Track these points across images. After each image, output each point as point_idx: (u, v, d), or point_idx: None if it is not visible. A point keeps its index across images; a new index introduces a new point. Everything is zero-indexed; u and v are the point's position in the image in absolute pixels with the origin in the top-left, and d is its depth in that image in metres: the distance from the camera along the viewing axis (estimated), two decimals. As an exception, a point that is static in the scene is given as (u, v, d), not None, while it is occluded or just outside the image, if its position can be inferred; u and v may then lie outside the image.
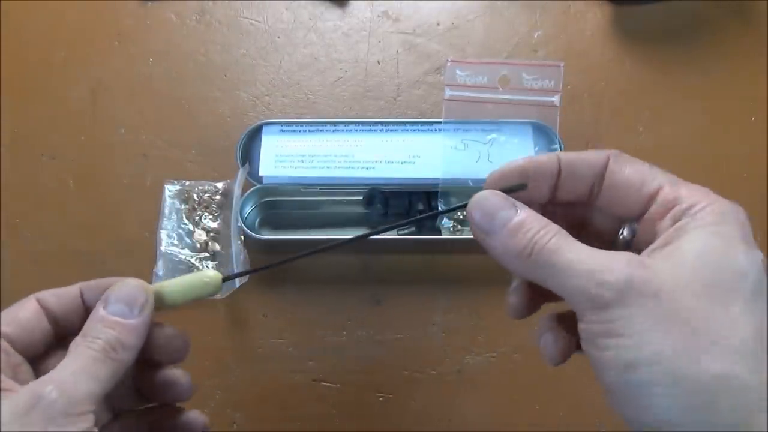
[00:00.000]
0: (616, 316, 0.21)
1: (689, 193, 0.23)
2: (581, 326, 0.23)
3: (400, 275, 0.48)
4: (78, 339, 0.25)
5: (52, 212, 0.50)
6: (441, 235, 0.47)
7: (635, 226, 0.25)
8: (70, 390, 0.23)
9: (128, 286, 0.27)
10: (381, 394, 0.45)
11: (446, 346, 0.46)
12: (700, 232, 0.22)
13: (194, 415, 0.32)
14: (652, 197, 0.24)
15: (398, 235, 0.47)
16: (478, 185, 0.42)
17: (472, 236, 0.25)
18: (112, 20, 0.57)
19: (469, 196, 0.26)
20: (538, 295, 0.28)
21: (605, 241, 0.27)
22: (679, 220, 0.23)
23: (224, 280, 0.29)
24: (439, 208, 0.47)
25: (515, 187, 0.26)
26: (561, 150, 0.47)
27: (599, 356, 0.22)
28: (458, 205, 0.28)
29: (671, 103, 0.54)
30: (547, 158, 0.26)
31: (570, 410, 0.44)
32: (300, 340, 0.46)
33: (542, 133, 0.48)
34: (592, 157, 0.26)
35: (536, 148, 0.48)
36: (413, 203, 0.48)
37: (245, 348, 0.46)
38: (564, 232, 0.24)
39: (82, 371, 0.24)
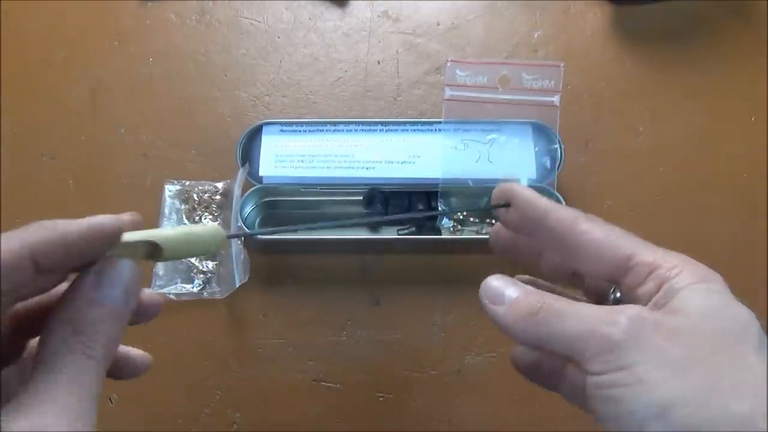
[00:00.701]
0: (628, 361, 0.21)
1: (665, 257, 0.23)
2: (590, 381, 0.22)
3: (400, 275, 0.48)
4: (69, 336, 0.21)
5: (52, 212, 0.50)
6: (441, 235, 0.47)
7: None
8: (78, 426, 0.19)
9: (126, 271, 0.22)
10: (381, 394, 0.45)
11: (446, 346, 0.46)
12: (692, 290, 0.22)
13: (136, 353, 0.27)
14: (623, 266, 0.24)
15: (398, 235, 0.48)
16: (478, 185, 0.42)
17: (471, 236, 0.26)
18: (112, 20, 0.57)
19: (468, 196, 0.26)
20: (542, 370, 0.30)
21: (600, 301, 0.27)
22: (665, 282, 0.23)
23: (228, 237, 0.27)
24: (439, 209, 0.47)
25: (502, 204, 0.28)
26: (561, 150, 0.47)
27: (613, 411, 0.21)
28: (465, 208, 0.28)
29: (671, 103, 0.54)
30: (526, 204, 0.27)
31: (570, 410, 0.44)
32: (300, 340, 0.46)
33: (542, 133, 0.48)
34: (552, 218, 0.26)
35: (536, 149, 0.48)
36: (413, 203, 0.48)
37: (245, 348, 0.46)
38: (566, 299, 0.24)
39: (87, 396, 0.20)
